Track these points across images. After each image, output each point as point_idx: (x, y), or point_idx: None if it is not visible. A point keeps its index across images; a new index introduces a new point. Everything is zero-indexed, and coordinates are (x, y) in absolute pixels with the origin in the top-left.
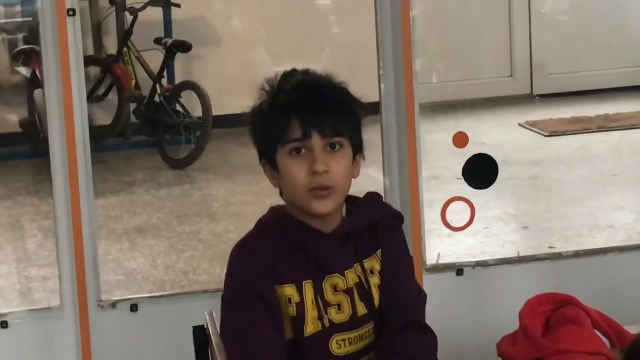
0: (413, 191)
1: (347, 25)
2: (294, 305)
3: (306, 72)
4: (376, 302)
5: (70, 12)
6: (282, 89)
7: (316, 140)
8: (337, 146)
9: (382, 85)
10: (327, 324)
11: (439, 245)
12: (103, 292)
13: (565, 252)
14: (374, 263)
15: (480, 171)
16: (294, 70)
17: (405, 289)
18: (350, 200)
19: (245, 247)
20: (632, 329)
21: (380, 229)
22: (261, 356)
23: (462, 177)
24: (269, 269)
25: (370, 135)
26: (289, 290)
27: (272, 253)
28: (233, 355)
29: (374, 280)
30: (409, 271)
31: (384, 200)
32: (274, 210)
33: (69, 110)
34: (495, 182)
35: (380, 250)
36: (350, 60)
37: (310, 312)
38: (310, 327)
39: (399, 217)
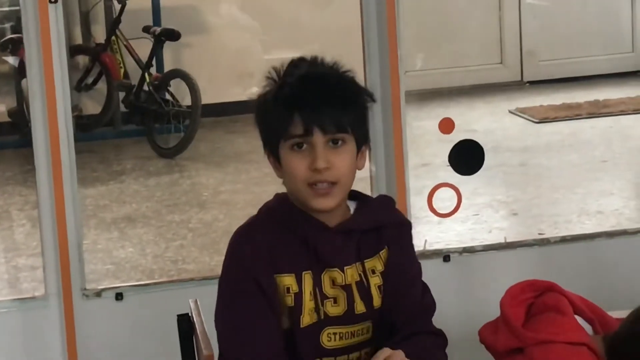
0: (399, 178)
1: (337, 11)
2: (292, 295)
3: (313, 63)
4: (375, 302)
5: (52, 0)
6: (286, 81)
7: (317, 137)
8: (340, 142)
9: (368, 73)
10: (322, 316)
11: (429, 233)
12: (91, 281)
13: (552, 238)
14: (376, 263)
15: (467, 157)
16: (300, 60)
17: (415, 297)
18: (362, 198)
19: (245, 235)
20: (617, 314)
21: (386, 232)
22: (256, 345)
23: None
24: (268, 258)
25: None
26: (288, 280)
27: (273, 242)
28: (226, 347)
29: (375, 281)
30: (418, 279)
31: (395, 204)
32: (279, 198)
33: (51, 99)
34: (486, 169)
35: (383, 251)
36: (340, 48)
37: (308, 303)
38: (307, 318)
39: (407, 225)
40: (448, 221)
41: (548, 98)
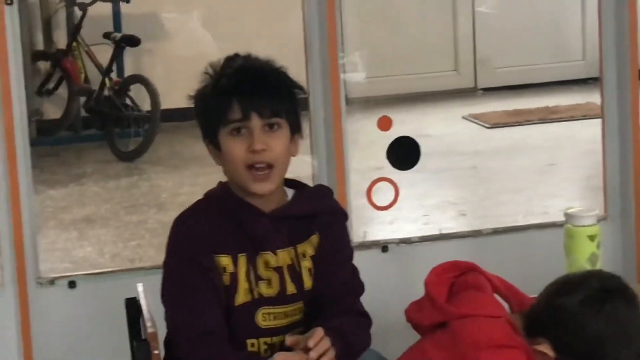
0: (339, 180)
1: (294, 20)
2: (228, 274)
3: (247, 57)
4: (306, 284)
5: (8, 1)
6: (224, 73)
7: (255, 121)
8: (276, 126)
9: (310, 79)
10: (256, 296)
11: (378, 233)
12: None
13: (485, 230)
14: (306, 248)
15: (404, 153)
16: (236, 55)
17: (344, 278)
18: (300, 187)
19: (186, 219)
20: (533, 295)
21: (319, 219)
22: (202, 317)
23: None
24: (207, 239)
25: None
26: (225, 261)
27: (211, 225)
28: (173, 320)
29: (306, 264)
30: (348, 262)
31: (332, 194)
32: (220, 186)
33: (7, 103)
34: (437, 172)
35: (314, 236)
36: (298, 55)
37: (242, 284)
38: (241, 297)
39: (342, 213)
40: (398, 221)
41: (501, 104)
